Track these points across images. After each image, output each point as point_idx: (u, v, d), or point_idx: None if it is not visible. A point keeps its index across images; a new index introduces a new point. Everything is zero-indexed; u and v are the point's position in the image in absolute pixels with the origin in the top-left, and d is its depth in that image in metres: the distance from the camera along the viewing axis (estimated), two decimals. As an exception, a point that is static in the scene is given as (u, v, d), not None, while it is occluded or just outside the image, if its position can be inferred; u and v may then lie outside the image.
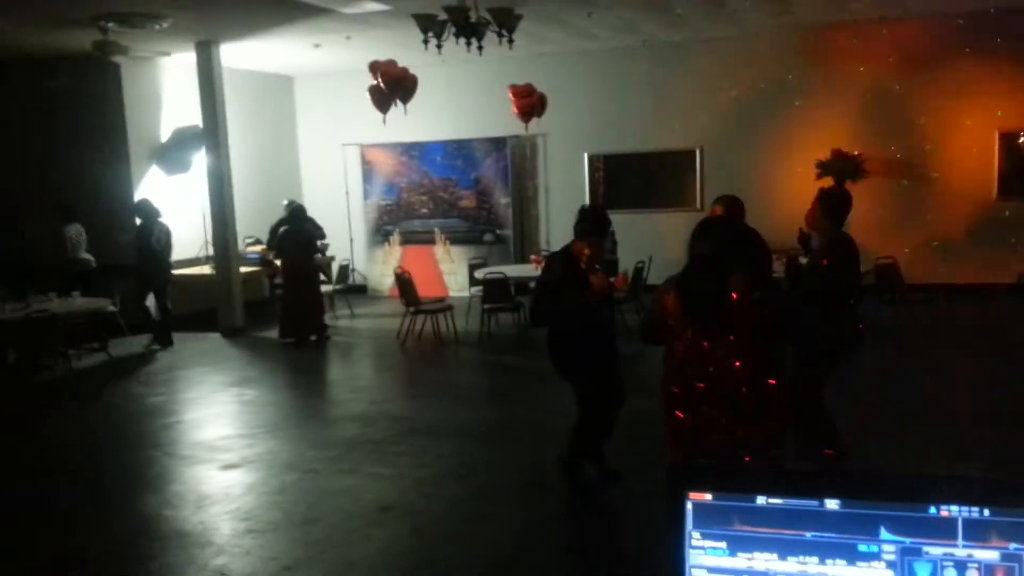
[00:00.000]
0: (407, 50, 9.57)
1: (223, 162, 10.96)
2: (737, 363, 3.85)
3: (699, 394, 3.91)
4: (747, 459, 3.98)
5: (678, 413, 4.04)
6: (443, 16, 6.70)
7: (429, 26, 6.72)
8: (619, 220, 12.25)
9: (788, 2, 9.83)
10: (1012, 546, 0.95)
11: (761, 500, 0.98)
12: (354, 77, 11.44)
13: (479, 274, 10.41)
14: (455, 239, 13.39)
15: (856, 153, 11.11)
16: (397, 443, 6.45)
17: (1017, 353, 8.41)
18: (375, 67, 9.41)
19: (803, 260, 5.61)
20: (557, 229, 12.57)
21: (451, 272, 13.34)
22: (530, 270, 10.27)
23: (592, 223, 5.03)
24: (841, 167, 11.01)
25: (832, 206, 5.12)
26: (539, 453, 5.74)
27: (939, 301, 8.92)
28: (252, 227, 12.33)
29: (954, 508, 0.95)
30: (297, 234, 10.24)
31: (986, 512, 0.95)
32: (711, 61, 12.10)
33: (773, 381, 3.95)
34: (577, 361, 5.08)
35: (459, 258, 13.15)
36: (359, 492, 5.43)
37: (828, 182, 10.82)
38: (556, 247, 6.51)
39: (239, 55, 11.60)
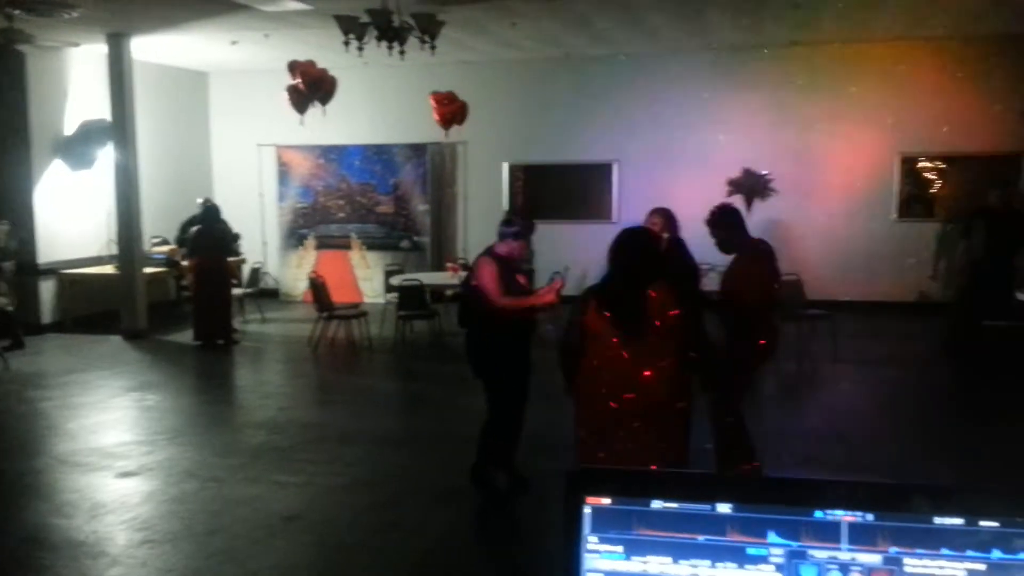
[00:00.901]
0: (327, 51, 9.45)
1: (131, 158, 10.60)
2: (647, 372, 3.93)
3: (611, 401, 3.97)
4: (653, 467, 4.05)
5: (589, 419, 4.09)
6: (365, 19, 6.63)
7: (350, 28, 6.64)
8: (537, 230, 12.38)
9: (704, 23, 10.10)
10: (893, 550, 0.98)
11: (657, 504, 1.00)
12: (272, 76, 11.23)
13: (395, 281, 10.33)
14: (372, 245, 13.25)
15: (765, 172, 11.47)
16: (306, 451, 6.33)
17: (914, 369, 8.81)
18: (294, 67, 9.26)
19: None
20: (475, 237, 12.58)
21: (367, 278, 13.20)
22: (447, 278, 10.24)
23: (526, 224, 5.15)
24: (751, 185, 11.35)
25: (729, 221, 5.16)
26: (451, 461, 5.71)
27: (840, 317, 9.27)
28: (159, 226, 11.96)
29: (839, 512, 0.98)
30: (210, 233, 9.97)
31: (869, 516, 0.98)
32: (630, 77, 12.32)
33: (683, 395, 4.04)
34: (498, 360, 5.10)
35: (375, 264, 13.03)
36: (264, 501, 5.30)
37: (738, 199, 11.17)
38: (473, 255, 6.53)
39: (152, 49, 11.26)
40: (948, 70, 11.31)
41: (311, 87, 8.88)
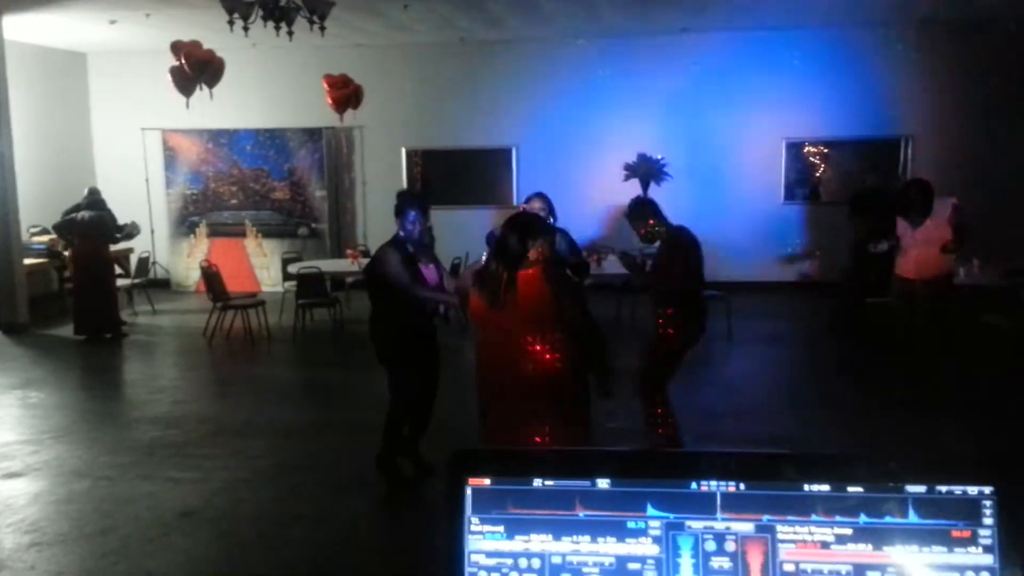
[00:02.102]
0: (213, 31, 9.11)
1: (4, 144, 10.02)
2: (548, 356, 3.97)
3: (510, 384, 4.01)
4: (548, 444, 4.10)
5: (491, 404, 4.12)
6: (251, -2, 6.43)
7: (234, 7, 6.42)
8: (437, 216, 12.31)
9: (597, 9, 10.21)
10: (765, 517, 1.02)
11: (537, 482, 1.01)
12: (155, 57, 10.79)
13: (293, 268, 10.12)
14: (268, 232, 12.93)
15: (659, 157, 11.73)
16: (203, 445, 6.16)
17: (804, 346, 9.19)
18: (178, 47, 8.90)
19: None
20: (374, 223, 12.44)
21: (263, 266, 12.89)
22: (346, 265, 10.10)
23: (405, 197, 5.13)
24: (646, 169, 11.58)
25: (647, 211, 5.37)
26: (356, 450, 5.66)
27: (733, 297, 9.58)
28: (38, 215, 11.36)
29: (713, 483, 1.02)
30: (89, 220, 9.51)
31: (741, 486, 1.02)
32: (527, 61, 12.37)
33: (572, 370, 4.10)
34: (401, 346, 5.07)
35: (272, 252, 12.73)
36: (159, 498, 5.14)
37: (634, 183, 11.38)
38: (373, 241, 6.49)
39: (24, 27, 10.65)
40: (829, 58, 11.78)
41: (196, 69, 8.56)
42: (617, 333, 8.40)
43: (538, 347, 3.92)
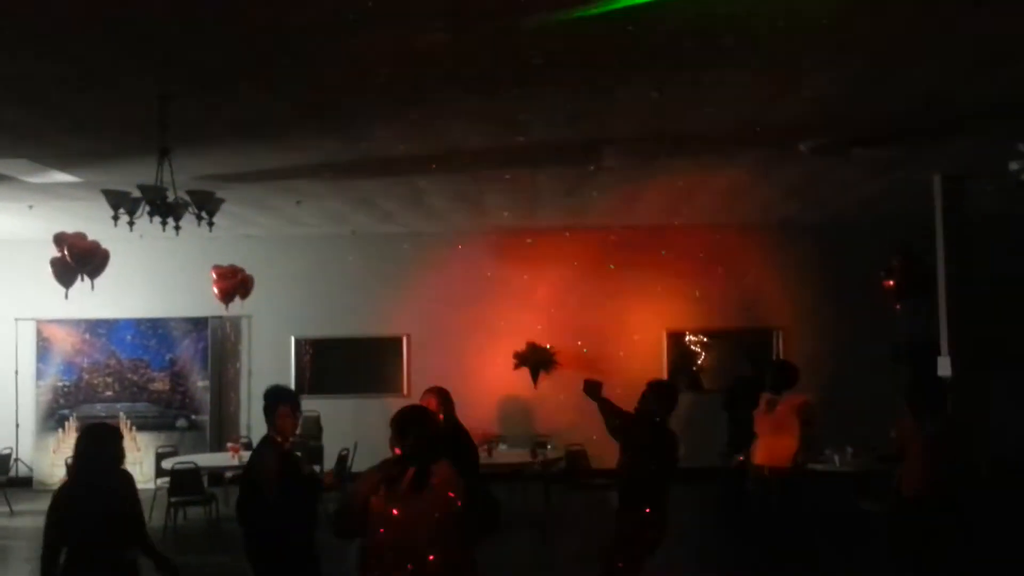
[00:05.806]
0: (96, 223, 9.01)
1: None
2: (431, 556, 3.82)
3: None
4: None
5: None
6: (136, 194, 6.43)
7: (120, 203, 6.41)
8: (325, 405, 12.04)
9: (483, 206, 10.69)
10: None
11: None
12: (35, 247, 10.54)
13: (167, 463, 9.59)
14: (143, 424, 12.32)
15: (548, 346, 11.97)
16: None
17: (691, 536, 9.10)
18: (61, 239, 8.72)
19: None
20: (259, 414, 11.92)
21: (136, 461, 12.13)
22: (226, 458, 9.65)
23: (273, 395, 5.09)
24: (535, 359, 11.77)
25: (661, 395, 5.56)
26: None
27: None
28: None
29: None
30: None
31: None
32: (418, 254, 12.67)
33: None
34: (277, 556, 4.76)
35: (147, 445, 12.06)
36: None
37: (524, 372, 11.53)
38: (256, 433, 6.24)
39: None
40: (703, 253, 12.55)
41: (79, 260, 8.38)
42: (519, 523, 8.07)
43: (434, 555, 3.78)
